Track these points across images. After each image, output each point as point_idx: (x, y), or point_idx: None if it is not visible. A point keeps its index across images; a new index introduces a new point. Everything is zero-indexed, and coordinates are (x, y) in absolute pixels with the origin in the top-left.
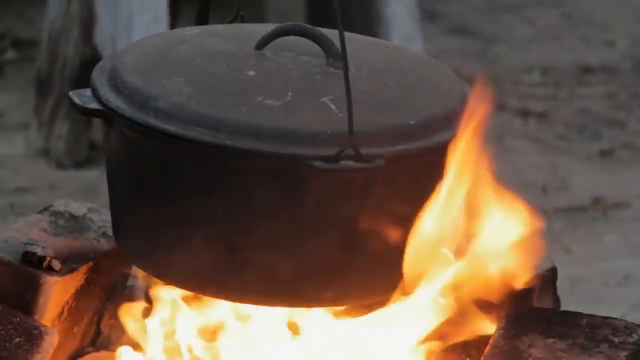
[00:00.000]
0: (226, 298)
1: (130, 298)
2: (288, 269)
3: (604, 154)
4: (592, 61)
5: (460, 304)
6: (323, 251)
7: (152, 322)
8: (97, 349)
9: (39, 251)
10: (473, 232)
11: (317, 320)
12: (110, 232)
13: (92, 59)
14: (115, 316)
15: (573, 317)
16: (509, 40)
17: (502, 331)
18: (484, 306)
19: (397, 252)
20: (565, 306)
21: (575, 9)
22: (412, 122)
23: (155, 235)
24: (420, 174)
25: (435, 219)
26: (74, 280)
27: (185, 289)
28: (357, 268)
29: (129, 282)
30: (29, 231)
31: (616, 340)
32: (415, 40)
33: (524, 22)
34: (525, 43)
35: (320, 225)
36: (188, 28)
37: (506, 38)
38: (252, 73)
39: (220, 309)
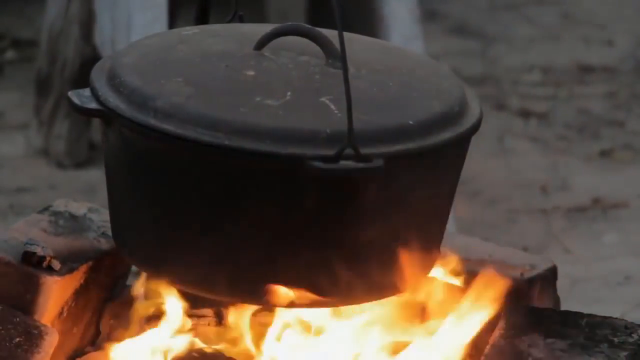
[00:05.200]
0: (226, 299)
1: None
2: (287, 269)
3: (604, 154)
4: (592, 61)
5: None
6: (322, 251)
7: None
8: (97, 349)
9: (39, 251)
10: None
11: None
12: (110, 232)
13: (91, 59)
14: (115, 316)
15: (573, 317)
16: (509, 40)
17: (502, 331)
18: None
19: (397, 253)
20: (565, 306)
21: (575, 9)
22: (411, 122)
23: (153, 235)
24: (420, 174)
25: None
26: (74, 280)
27: (184, 289)
28: (357, 269)
29: (129, 282)
30: (29, 231)
31: (616, 340)
32: (416, 40)
33: (524, 21)
34: (526, 43)
35: (320, 225)
36: (187, 28)
37: (506, 38)
38: (251, 73)
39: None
